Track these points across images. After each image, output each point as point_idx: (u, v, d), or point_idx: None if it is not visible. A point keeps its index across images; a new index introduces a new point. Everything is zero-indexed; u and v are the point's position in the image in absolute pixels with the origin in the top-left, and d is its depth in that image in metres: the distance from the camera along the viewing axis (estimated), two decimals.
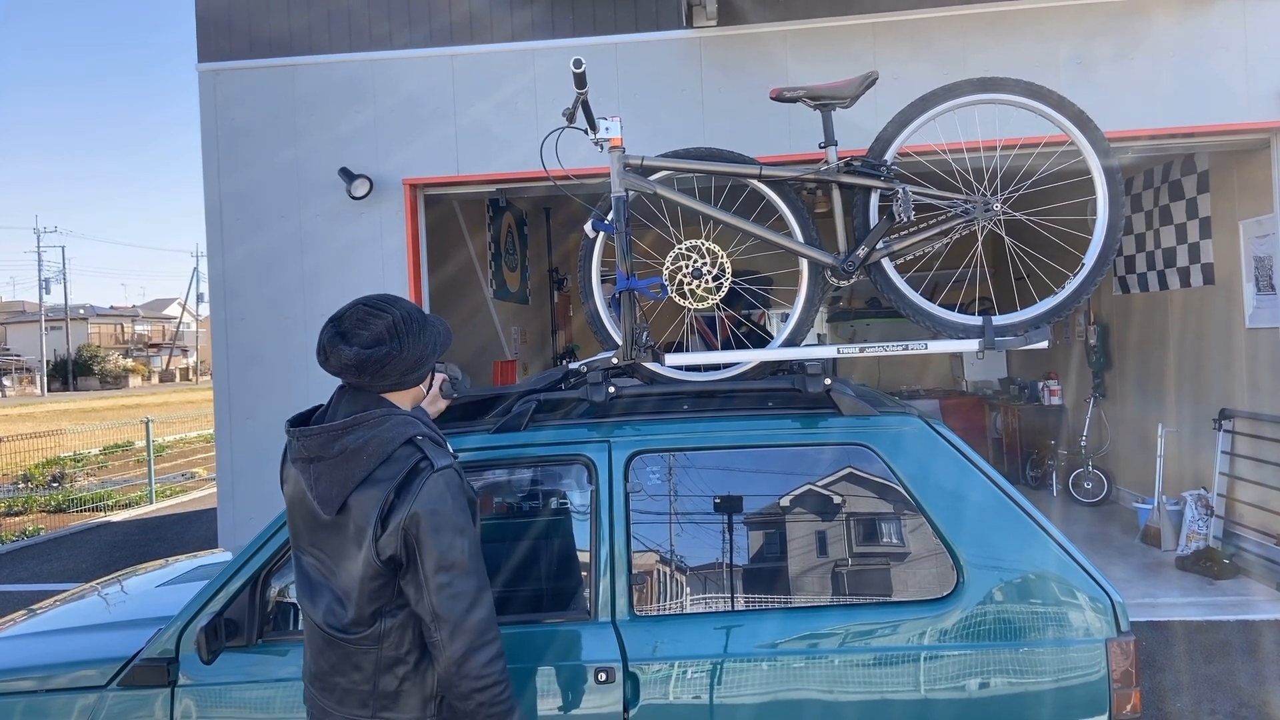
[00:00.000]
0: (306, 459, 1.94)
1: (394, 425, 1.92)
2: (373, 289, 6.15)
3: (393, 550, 1.86)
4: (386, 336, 1.94)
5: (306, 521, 2.00)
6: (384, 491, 1.86)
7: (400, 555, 1.87)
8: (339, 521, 1.91)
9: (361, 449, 1.89)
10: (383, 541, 1.86)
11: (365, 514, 1.87)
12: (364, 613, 1.90)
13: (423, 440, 1.94)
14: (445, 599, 1.86)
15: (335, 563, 1.94)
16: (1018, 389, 9.42)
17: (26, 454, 13.26)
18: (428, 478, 1.88)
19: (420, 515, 1.85)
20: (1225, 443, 6.34)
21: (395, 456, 1.90)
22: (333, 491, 1.89)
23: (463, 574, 1.88)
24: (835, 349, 2.85)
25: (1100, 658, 2.32)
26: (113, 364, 52.68)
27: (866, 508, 2.52)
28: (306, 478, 1.94)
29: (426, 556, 1.86)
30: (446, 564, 1.86)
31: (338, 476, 1.89)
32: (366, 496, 1.88)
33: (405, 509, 1.85)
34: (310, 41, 6.27)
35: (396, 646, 1.93)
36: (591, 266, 3.10)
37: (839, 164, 2.97)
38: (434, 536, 1.86)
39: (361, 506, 1.88)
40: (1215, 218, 6.58)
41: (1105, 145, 2.97)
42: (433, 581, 1.86)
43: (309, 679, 2.05)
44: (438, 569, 1.86)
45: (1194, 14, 5.72)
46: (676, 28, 6.02)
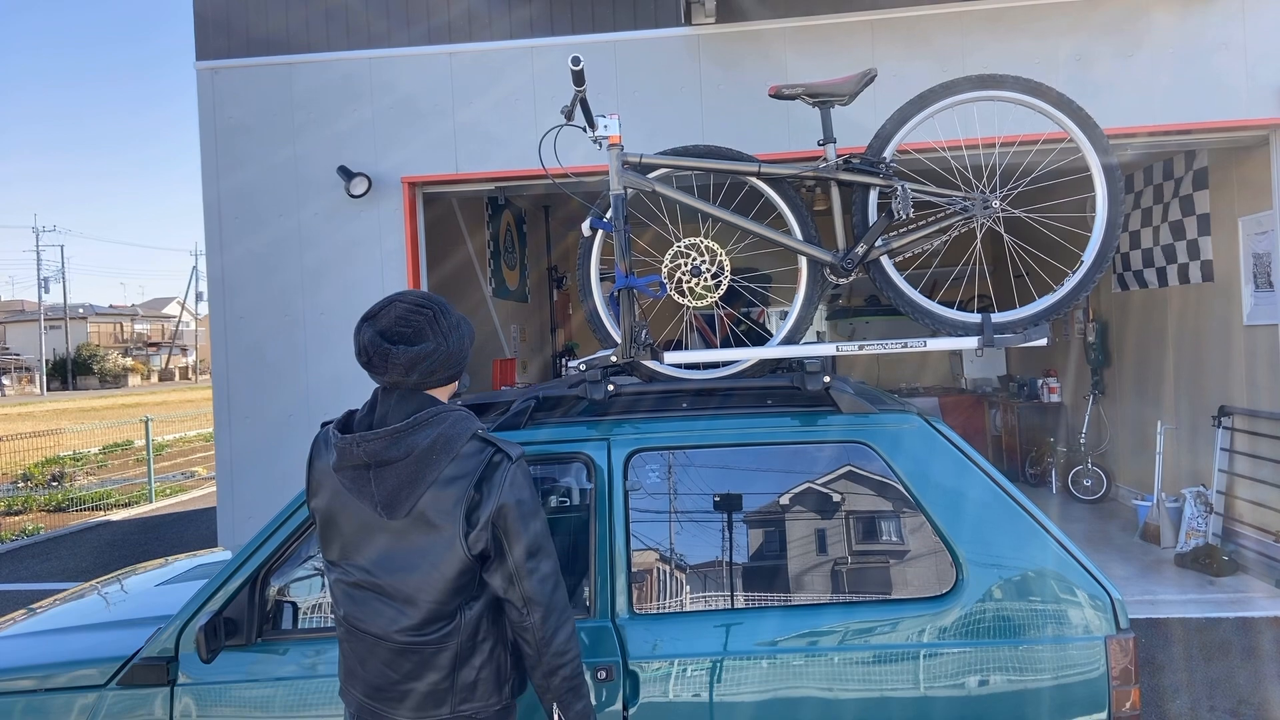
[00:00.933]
0: (363, 465, 1.89)
1: (456, 421, 1.92)
2: (372, 288, 6.15)
3: (484, 544, 1.88)
4: (430, 333, 1.93)
5: (358, 531, 1.94)
6: (463, 489, 1.87)
7: (490, 548, 1.89)
8: (407, 525, 1.89)
9: (431, 448, 1.87)
10: (473, 538, 1.87)
11: (444, 512, 1.86)
12: (445, 610, 1.90)
13: (486, 434, 1.96)
14: (536, 583, 1.89)
15: (400, 568, 1.90)
16: (1017, 386, 9.43)
17: (26, 453, 13.25)
18: (508, 469, 1.91)
19: (508, 507, 1.88)
20: (1224, 440, 6.34)
21: (464, 453, 1.90)
22: (403, 494, 1.87)
23: (547, 556, 1.92)
24: (834, 347, 2.85)
25: (1099, 655, 2.32)
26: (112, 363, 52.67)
27: (866, 506, 2.52)
28: (363, 484, 1.89)
29: (516, 545, 1.89)
30: (534, 549, 1.90)
31: (408, 478, 1.87)
32: (443, 495, 1.87)
33: (492, 502, 1.88)
34: (309, 39, 6.26)
35: (473, 637, 1.93)
36: (590, 264, 3.09)
37: (838, 161, 2.97)
38: (522, 525, 1.89)
39: (438, 505, 1.87)
40: (1214, 215, 6.58)
41: (1104, 142, 2.97)
42: (524, 568, 1.89)
43: (368, 693, 1.98)
44: (528, 555, 1.89)
45: (1194, 11, 5.72)
46: (675, 25, 6.01)
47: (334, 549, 1.99)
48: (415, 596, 1.89)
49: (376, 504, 1.88)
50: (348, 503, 1.93)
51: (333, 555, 2.00)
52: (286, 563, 2.56)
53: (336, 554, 1.99)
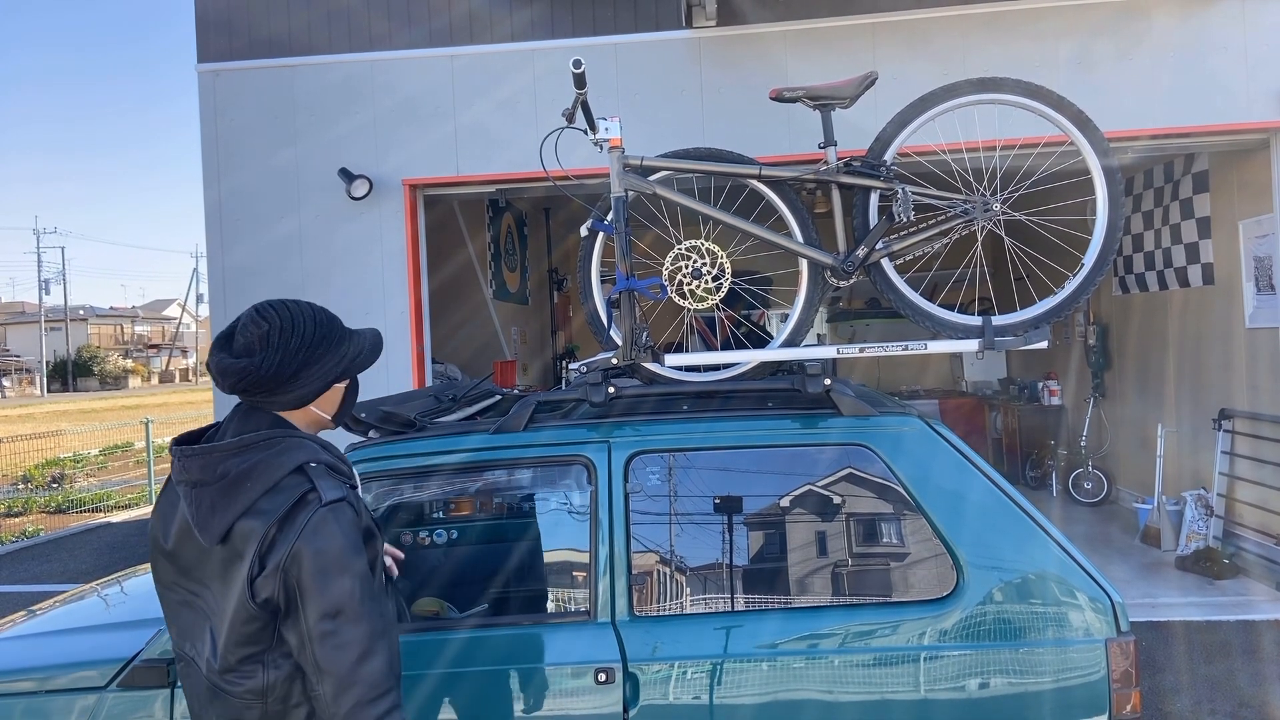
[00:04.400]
0: (190, 482, 1.73)
1: (284, 449, 1.73)
2: (372, 289, 6.16)
3: (270, 592, 1.66)
4: (257, 346, 1.74)
5: (189, 551, 1.77)
6: (265, 524, 1.66)
7: (279, 599, 1.67)
8: (220, 554, 1.71)
9: (247, 474, 1.69)
10: (260, 581, 1.66)
11: (245, 548, 1.67)
12: (231, 659, 1.70)
13: (315, 468, 1.74)
14: (329, 649, 1.65)
15: (217, 600, 1.73)
16: (1017, 389, 9.42)
17: (26, 455, 13.24)
18: (314, 511, 1.68)
19: (302, 554, 1.65)
20: (1225, 443, 6.34)
21: (282, 485, 1.70)
22: (214, 519, 1.69)
23: (351, 621, 1.66)
24: (835, 349, 2.85)
25: (1100, 658, 2.32)
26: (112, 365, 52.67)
27: (866, 508, 2.52)
28: (189, 503, 1.73)
29: (309, 601, 1.65)
30: (331, 610, 1.65)
31: (219, 503, 1.69)
32: (248, 528, 1.67)
33: (286, 546, 1.65)
34: (310, 42, 6.27)
35: (283, 701, 1.72)
36: (591, 267, 3.10)
37: (838, 164, 2.97)
38: (317, 578, 1.65)
39: (243, 539, 1.68)
40: (1215, 218, 6.58)
41: (1105, 145, 2.97)
42: (315, 630, 1.65)
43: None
44: (321, 615, 1.65)
45: (1194, 14, 5.72)
46: (676, 28, 6.02)
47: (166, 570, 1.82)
48: (219, 629, 1.72)
49: (196, 525, 1.71)
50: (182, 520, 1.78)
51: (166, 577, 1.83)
52: None
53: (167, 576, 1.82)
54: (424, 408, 2.96)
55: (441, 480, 2.66)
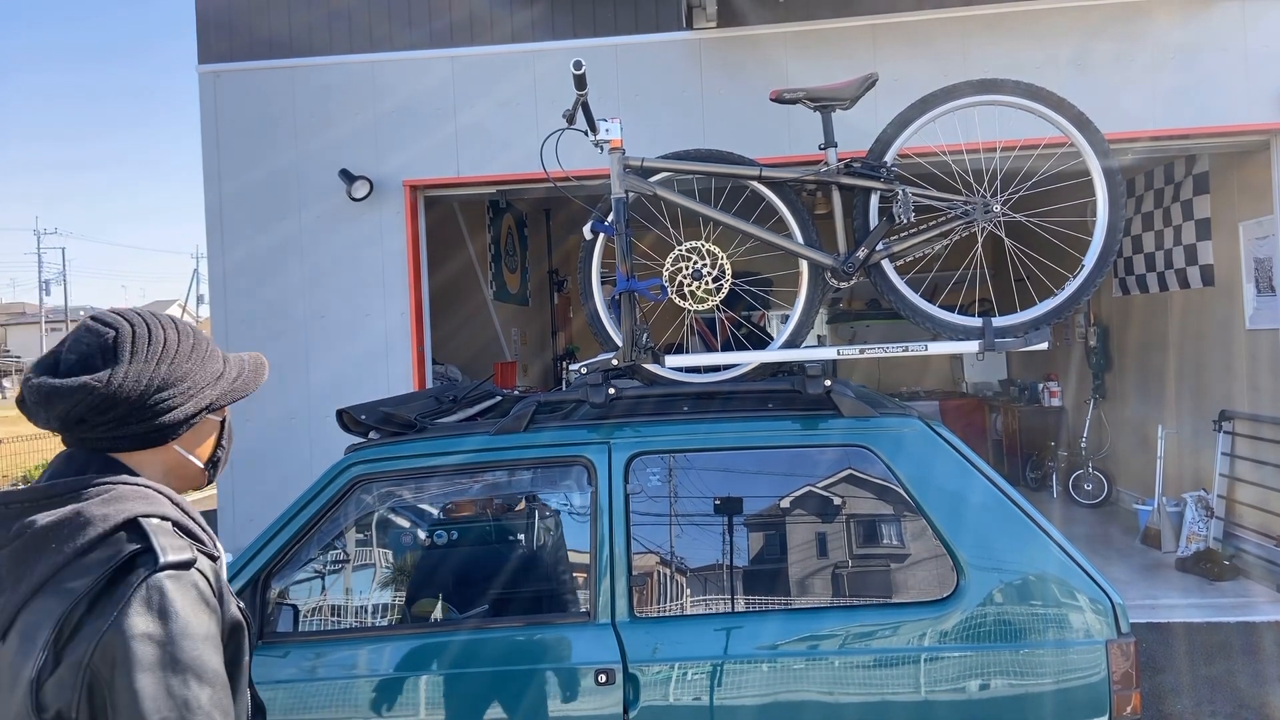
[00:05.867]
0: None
1: (111, 498, 1.19)
2: (373, 290, 6.16)
3: (63, 702, 1.09)
4: (99, 359, 1.25)
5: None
6: (67, 601, 1.12)
7: (79, 713, 1.10)
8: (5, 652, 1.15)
9: (50, 532, 1.16)
10: (49, 686, 1.10)
11: (31, 640, 1.12)
12: None
13: (156, 524, 1.20)
14: None
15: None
16: (1018, 390, 9.42)
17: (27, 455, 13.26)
18: (142, 579, 1.14)
19: (117, 643, 1.10)
20: (1225, 444, 6.34)
21: (100, 548, 1.16)
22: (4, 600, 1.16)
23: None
24: (835, 350, 2.85)
25: (1100, 659, 2.32)
26: None
27: (867, 509, 2.52)
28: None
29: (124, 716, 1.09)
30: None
31: (9, 576, 1.16)
32: (43, 609, 1.13)
33: (94, 632, 1.10)
34: (310, 43, 6.27)
35: None
36: (591, 268, 3.10)
37: (839, 165, 2.98)
38: (139, 678, 1.09)
39: (32, 626, 1.12)
40: (1215, 219, 6.58)
41: (1105, 147, 2.98)
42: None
43: None
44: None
45: (1194, 16, 5.72)
46: (676, 29, 6.02)
47: None
48: None
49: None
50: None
51: None
52: (287, 565, 2.56)
53: None
54: (424, 409, 2.96)
55: (442, 481, 2.66)
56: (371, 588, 2.65)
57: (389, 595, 2.65)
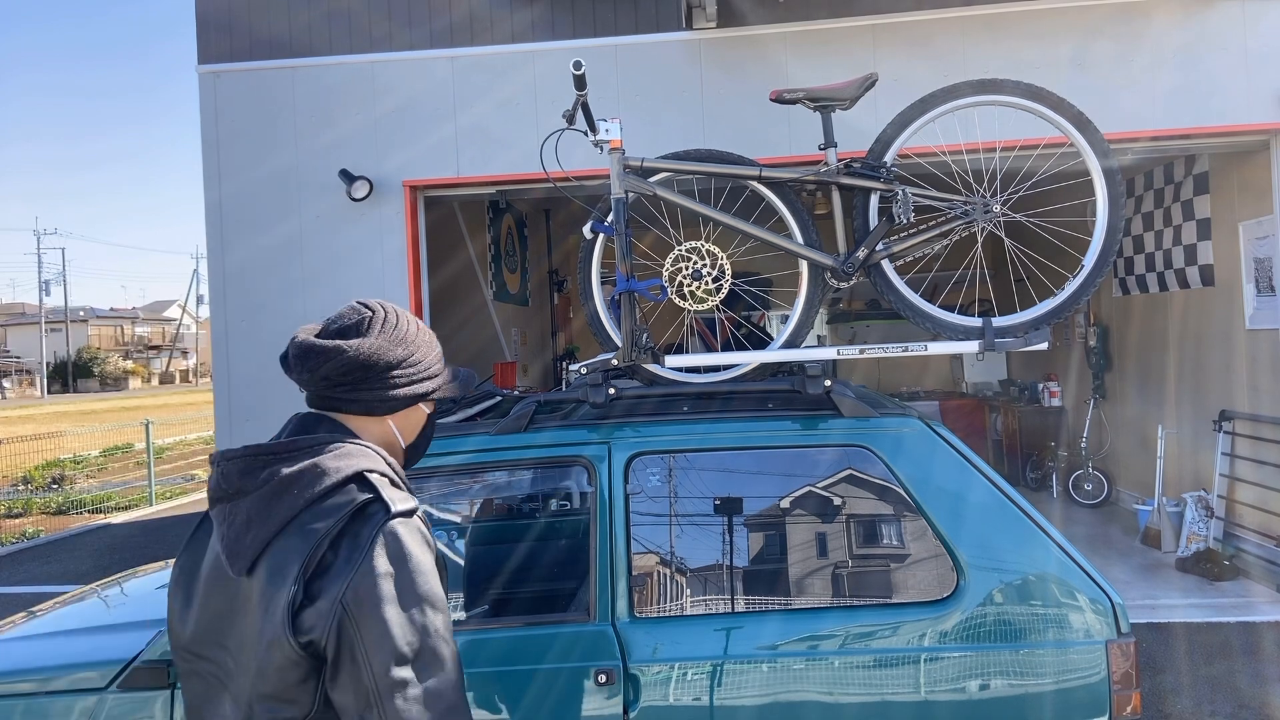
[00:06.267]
0: (226, 496, 1.37)
1: (342, 454, 1.38)
2: (373, 291, 6.15)
3: (319, 632, 1.26)
4: (353, 330, 1.48)
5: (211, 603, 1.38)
6: (312, 542, 1.29)
7: (328, 642, 1.27)
8: (248, 589, 1.32)
9: (293, 479, 1.34)
10: (306, 615, 1.26)
11: (282, 573, 1.28)
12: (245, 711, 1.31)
13: (378, 479, 1.38)
14: (408, 706, 1.26)
15: (237, 653, 1.33)
16: (1018, 390, 9.42)
17: (26, 456, 13.25)
18: (380, 525, 1.31)
19: (370, 581, 1.27)
20: (1225, 444, 6.34)
21: (335, 496, 1.34)
22: (247, 538, 1.32)
23: (430, 666, 1.30)
24: (835, 350, 2.85)
25: (1100, 659, 2.32)
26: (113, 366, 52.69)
27: (867, 509, 2.52)
28: (221, 523, 1.37)
29: (378, 643, 1.26)
30: (404, 653, 1.28)
31: (256, 515, 1.33)
32: (288, 548, 1.30)
33: (347, 572, 1.28)
34: (310, 43, 6.27)
35: None
36: (591, 268, 3.10)
37: (839, 166, 2.98)
38: (391, 612, 1.28)
39: (279, 562, 1.29)
40: (1215, 219, 6.58)
41: (1105, 146, 2.98)
42: (385, 681, 1.25)
43: None
44: (396, 661, 1.27)
45: (1194, 15, 5.72)
46: (676, 29, 6.02)
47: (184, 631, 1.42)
48: (240, 695, 1.32)
49: (224, 550, 1.34)
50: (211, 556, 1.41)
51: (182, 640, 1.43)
52: None
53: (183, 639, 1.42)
54: None
55: (442, 482, 2.66)
56: None
57: None
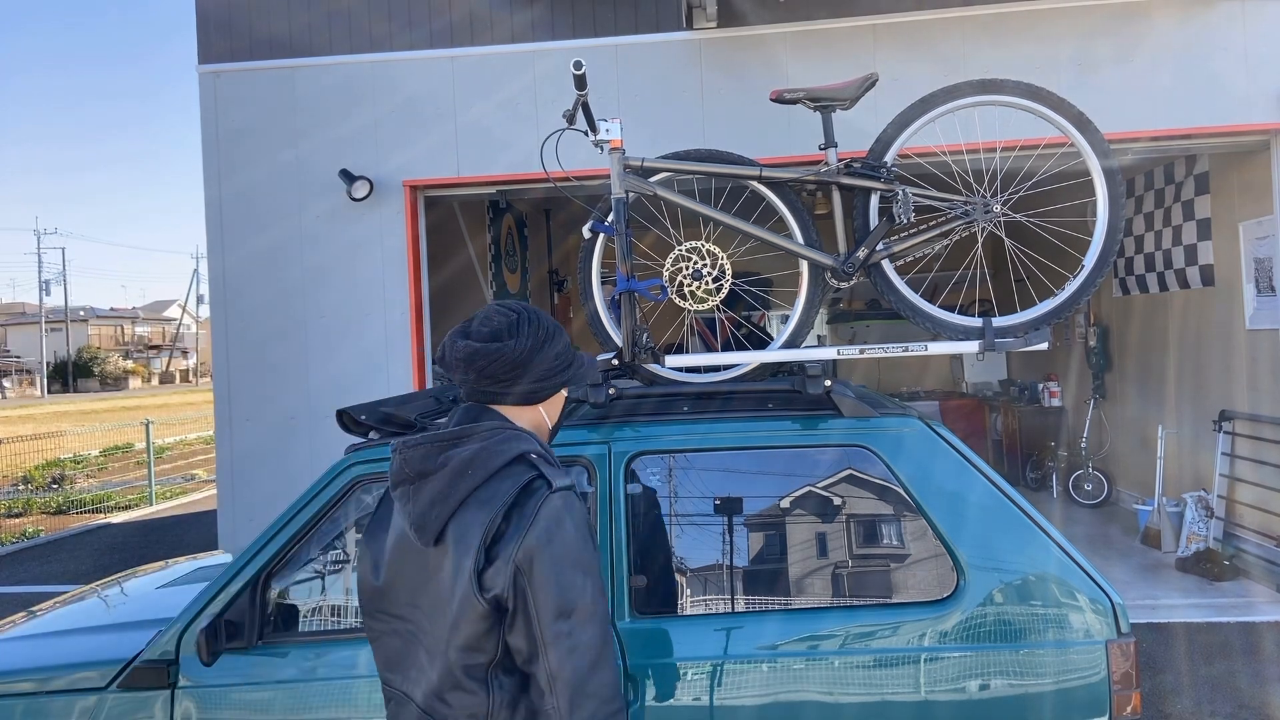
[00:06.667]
0: (408, 479, 1.61)
1: (506, 439, 1.62)
2: (373, 291, 6.16)
3: (500, 588, 1.51)
4: (506, 332, 1.67)
5: (403, 572, 1.63)
6: (490, 513, 1.54)
7: (507, 596, 1.51)
8: (437, 555, 1.57)
9: (469, 461, 1.58)
10: (489, 575, 1.52)
11: (464, 540, 1.54)
12: (455, 674, 1.54)
13: (537, 458, 1.62)
14: (563, 653, 1.49)
15: (428, 609, 1.58)
16: (1018, 390, 9.42)
17: (26, 456, 13.26)
18: (544, 498, 1.55)
19: (536, 545, 1.51)
20: (1225, 444, 6.34)
21: (505, 474, 1.58)
22: (433, 513, 1.57)
23: (585, 622, 1.51)
24: (835, 350, 2.85)
25: (1100, 659, 2.32)
26: (113, 365, 52.70)
27: (867, 509, 2.52)
28: (407, 502, 1.60)
29: (543, 599, 1.50)
30: (567, 609, 1.50)
31: (440, 493, 1.57)
32: (468, 519, 1.55)
33: (518, 537, 1.52)
34: (310, 43, 6.27)
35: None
36: (591, 268, 3.10)
37: (839, 166, 2.98)
38: (553, 572, 1.51)
39: (461, 530, 1.55)
40: (1215, 219, 6.58)
41: (1105, 147, 2.98)
42: (549, 631, 1.49)
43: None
44: (557, 615, 1.50)
45: (1194, 15, 5.72)
46: (676, 29, 6.02)
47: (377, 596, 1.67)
48: (435, 647, 1.57)
49: (412, 524, 1.59)
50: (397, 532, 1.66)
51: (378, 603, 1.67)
52: (288, 566, 2.56)
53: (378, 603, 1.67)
54: (424, 409, 2.96)
55: None
56: None
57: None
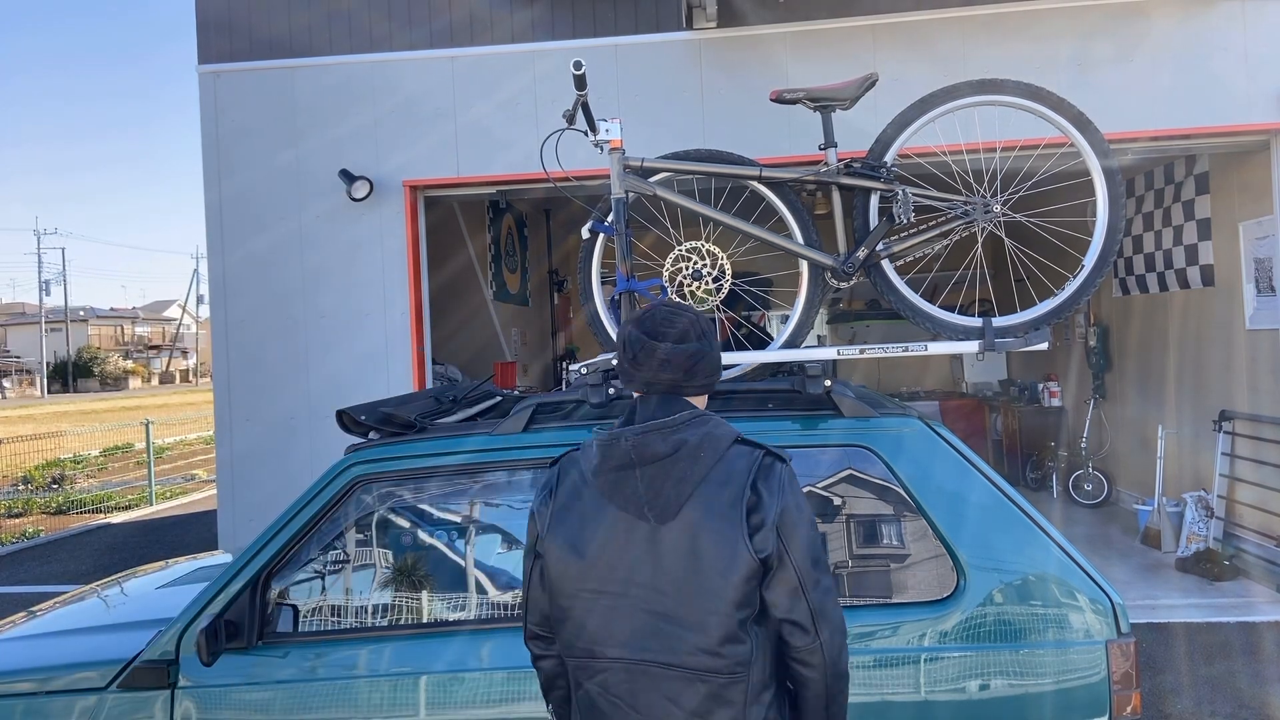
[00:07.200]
0: (629, 464, 1.74)
1: (718, 424, 1.80)
2: (373, 291, 6.16)
3: (770, 549, 1.71)
4: (692, 334, 1.83)
5: (621, 545, 1.74)
6: (739, 489, 1.72)
7: (771, 554, 1.71)
8: (676, 531, 1.71)
9: (700, 445, 1.74)
10: (759, 540, 1.70)
11: (720, 514, 1.71)
12: (734, 629, 1.69)
13: (748, 439, 1.81)
14: (820, 594, 1.73)
15: (679, 579, 1.71)
16: (1018, 390, 9.42)
17: (26, 456, 13.26)
18: (783, 471, 1.78)
19: (790, 510, 1.74)
20: (1225, 444, 6.34)
21: (733, 454, 1.76)
22: (670, 493, 1.71)
23: (826, 570, 1.79)
24: (835, 350, 2.85)
25: (1100, 659, 2.32)
26: (113, 366, 52.70)
27: (867, 509, 2.52)
28: (627, 486, 1.73)
29: (800, 553, 1.73)
30: (816, 557, 1.76)
31: (677, 475, 1.72)
32: (715, 496, 1.72)
33: (775, 504, 1.73)
34: (310, 43, 6.28)
35: (762, 670, 1.73)
36: (591, 268, 3.10)
37: (839, 166, 2.98)
38: (804, 529, 1.75)
39: (711, 506, 1.71)
40: (1215, 219, 6.58)
41: (1105, 146, 2.98)
42: (808, 578, 1.73)
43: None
44: (812, 564, 1.74)
45: (1194, 15, 5.73)
46: (676, 29, 6.02)
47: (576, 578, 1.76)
48: (692, 612, 1.70)
49: (643, 506, 1.72)
50: (604, 516, 1.75)
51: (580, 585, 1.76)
52: (288, 566, 2.56)
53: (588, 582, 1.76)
54: (424, 409, 2.96)
55: (442, 482, 2.66)
56: (371, 588, 2.65)
57: (389, 596, 2.65)
